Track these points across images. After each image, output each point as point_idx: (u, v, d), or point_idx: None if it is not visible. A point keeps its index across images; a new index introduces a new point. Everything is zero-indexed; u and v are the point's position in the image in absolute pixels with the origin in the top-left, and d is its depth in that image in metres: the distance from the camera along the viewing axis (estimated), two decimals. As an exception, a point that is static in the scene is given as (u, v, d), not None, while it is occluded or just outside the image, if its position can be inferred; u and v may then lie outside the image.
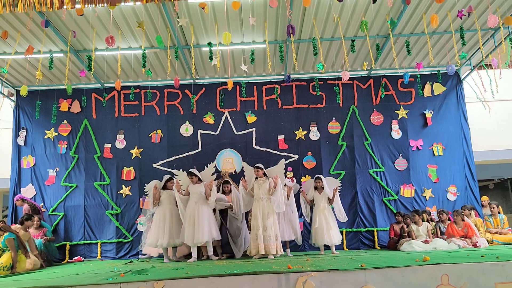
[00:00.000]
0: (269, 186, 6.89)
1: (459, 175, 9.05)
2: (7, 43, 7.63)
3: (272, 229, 6.66)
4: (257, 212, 6.79)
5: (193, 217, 6.87)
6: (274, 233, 6.66)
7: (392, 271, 4.12)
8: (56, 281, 4.39)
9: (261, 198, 6.87)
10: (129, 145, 9.15)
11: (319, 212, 7.32)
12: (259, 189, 6.92)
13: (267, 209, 6.79)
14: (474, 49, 8.77)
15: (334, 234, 7.26)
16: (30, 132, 9.25)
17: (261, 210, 6.79)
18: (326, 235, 7.16)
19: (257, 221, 6.72)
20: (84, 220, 8.83)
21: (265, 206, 6.82)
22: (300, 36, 7.99)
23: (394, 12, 7.31)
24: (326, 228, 7.20)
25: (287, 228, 7.33)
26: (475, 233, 7.47)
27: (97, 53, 7.94)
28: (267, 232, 6.63)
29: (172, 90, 9.26)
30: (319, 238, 7.21)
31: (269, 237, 6.60)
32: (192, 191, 7.10)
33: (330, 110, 9.27)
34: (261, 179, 6.99)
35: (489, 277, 4.09)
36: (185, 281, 4.03)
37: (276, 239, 6.66)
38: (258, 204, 6.86)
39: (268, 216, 6.73)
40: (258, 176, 7.02)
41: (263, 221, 6.70)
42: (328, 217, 7.31)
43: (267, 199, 6.86)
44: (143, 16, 7.04)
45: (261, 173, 7.01)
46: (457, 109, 9.31)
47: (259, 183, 6.98)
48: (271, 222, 6.71)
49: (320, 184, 7.40)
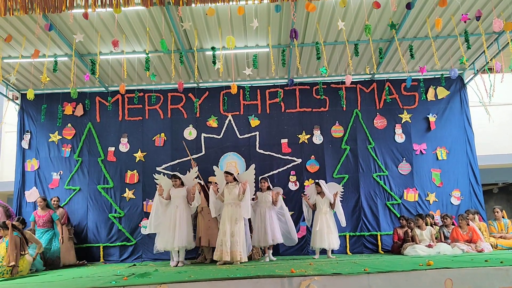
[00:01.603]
0: (238, 192, 6.82)
1: (463, 179, 9.01)
2: (13, 47, 7.69)
3: (239, 235, 6.56)
4: (225, 218, 6.72)
5: (174, 221, 6.92)
6: (241, 239, 6.56)
7: (396, 276, 4.12)
8: (59, 285, 4.41)
9: (230, 204, 6.79)
10: (133, 148, 9.17)
11: (321, 216, 7.35)
12: (229, 194, 6.84)
13: (236, 214, 6.69)
14: (478, 53, 8.76)
15: (334, 238, 7.30)
16: (35, 135, 9.30)
17: (229, 215, 6.71)
18: (326, 239, 7.20)
19: (224, 226, 6.64)
20: (87, 223, 8.85)
21: (233, 211, 6.72)
22: (303, 40, 8.00)
23: (397, 16, 7.32)
24: (326, 232, 7.24)
25: (273, 232, 7.16)
26: (480, 237, 7.43)
27: (101, 57, 7.98)
28: (234, 238, 6.52)
29: (175, 94, 9.29)
30: (318, 241, 7.25)
31: (236, 243, 6.49)
32: (174, 194, 7.13)
33: (333, 114, 9.27)
34: (231, 184, 6.91)
35: (493, 281, 4.07)
36: (188, 284, 4.04)
37: (242, 246, 6.56)
38: (227, 209, 6.77)
39: (236, 222, 6.64)
40: (228, 182, 6.96)
41: (231, 227, 6.61)
42: (329, 221, 7.35)
43: (236, 205, 6.76)
44: (147, 20, 7.08)
45: (231, 179, 6.94)
46: (460, 113, 9.29)
47: (229, 188, 6.89)
48: (238, 228, 6.61)
49: (319, 189, 7.45)
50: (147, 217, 8.49)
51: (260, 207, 7.29)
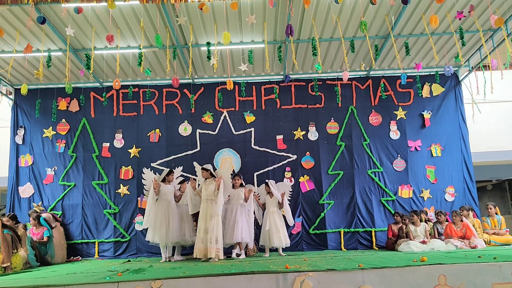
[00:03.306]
0: (214, 188, 6.74)
1: (457, 176, 9.07)
2: (6, 42, 7.61)
3: (214, 231, 6.47)
4: (202, 214, 6.67)
5: (167, 217, 6.97)
6: (215, 236, 6.48)
7: (390, 271, 4.13)
8: (54, 280, 4.38)
9: (206, 200, 6.73)
10: (128, 144, 9.14)
11: (269, 215, 7.49)
12: (206, 190, 6.78)
13: (211, 211, 6.62)
14: (472, 50, 8.78)
15: (282, 237, 7.43)
16: (28, 130, 9.24)
17: (205, 212, 6.66)
18: (274, 238, 7.33)
19: (201, 223, 6.61)
20: (82, 219, 8.82)
21: (209, 207, 6.66)
22: (299, 36, 7.99)
23: (393, 12, 7.32)
24: (274, 230, 7.37)
25: (245, 230, 7.12)
26: (473, 233, 7.48)
27: (96, 52, 7.93)
28: (208, 235, 6.46)
29: (171, 90, 9.25)
30: (268, 240, 7.39)
31: (209, 240, 6.43)
32: (165, 191, 7.15)
33: (328, 110, 9.28)
34: (208, 180, 6.88)
35: (486, 277, 4.10)
36: (183, 280, 4.03)
37: (217, 242, 6.47)
38: (203, 205, 6.72)
39: (210, 218, 6.57)
40: (205, 178, 6.92)
41: (206, 223, 6.56)
42: (277, 220, 7.49)
43: (211, 201, 6.69)
44: (142, 15, 7.03)
45: (207, 174, 6.90)
46: (455, 110, 9.33)
47: (206, 184, 6.85)
48: (214, 225, 6.53)
49: (268, 189, 7.57)
50: (142, 213, 8.51)
51: (231, 204, 7.22)
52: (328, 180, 8.98)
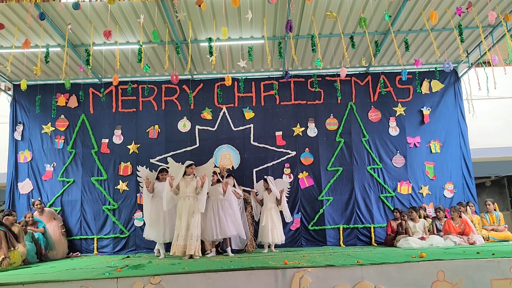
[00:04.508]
0: (196, 185, 6.68)
1: (456, 172, 9.07)
2: (5, 37, 7.58)
3: (195, 228, 6.45)
4: (181, 211, 6.55)
5: (163, 215, 6.94)
6: (196, 233, 6.44)
7: (389, 267, 4.14)
8: (53, 276, 4.39)
9: (188, 197, 6.61)
10: (127, 140, 9.12)
11: (266, 211, 7.50)
12: (186, 187, 6.65)
13: (193, 207, 6.56)
14: (472, 46, 8.77)
15: (278, 233, 7.45)
16: (27, 126, 9.22)
17: (187, 208, 6.54)
18: (270, 234, 7.34)
19: (181, 220, 6.51)
20: (81, 215, 8.82)
21: (191, 204, 6.57)
22: (298, 32, 7.97)
23: (392, 8, 7.30)
24: (271, 227, 7.38)
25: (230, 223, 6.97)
26: (472, 230, 7.49)
27: (95, 48, 7.90)
28: (189, 231, 6.41)
29: (170, 86, 9.23)
30: (264, 236, 7.40)
31: (190, 237, 6.36)
32: (159, 188, 7.09)
33: (328, 106, 9.27)
34: (188, 177, 6.76)
35: (485, 273, 4.11)
36: (182, 276, 4.04)
37: (197, 239, 6.45)
38: (184, 202, 6.59)
39: (193, 215, 6.52)
40: (187, 174, 6.81)
41: (188, 220, 6.49)
42: (274, 217, 7.50)
43: (194, 198, 6.62)
44: (141, 11, 7.00)
45: (193, 171, 6.81)
46: (454, 106, 9.32)
47: (186, 180, 6.72)
48: (195, 221, 6.50)
49: (267, 185, 7.59)
50: (141, 209, 8.52)
51: (211, 200, 7.04)
52: (327, 177, 8.98)
